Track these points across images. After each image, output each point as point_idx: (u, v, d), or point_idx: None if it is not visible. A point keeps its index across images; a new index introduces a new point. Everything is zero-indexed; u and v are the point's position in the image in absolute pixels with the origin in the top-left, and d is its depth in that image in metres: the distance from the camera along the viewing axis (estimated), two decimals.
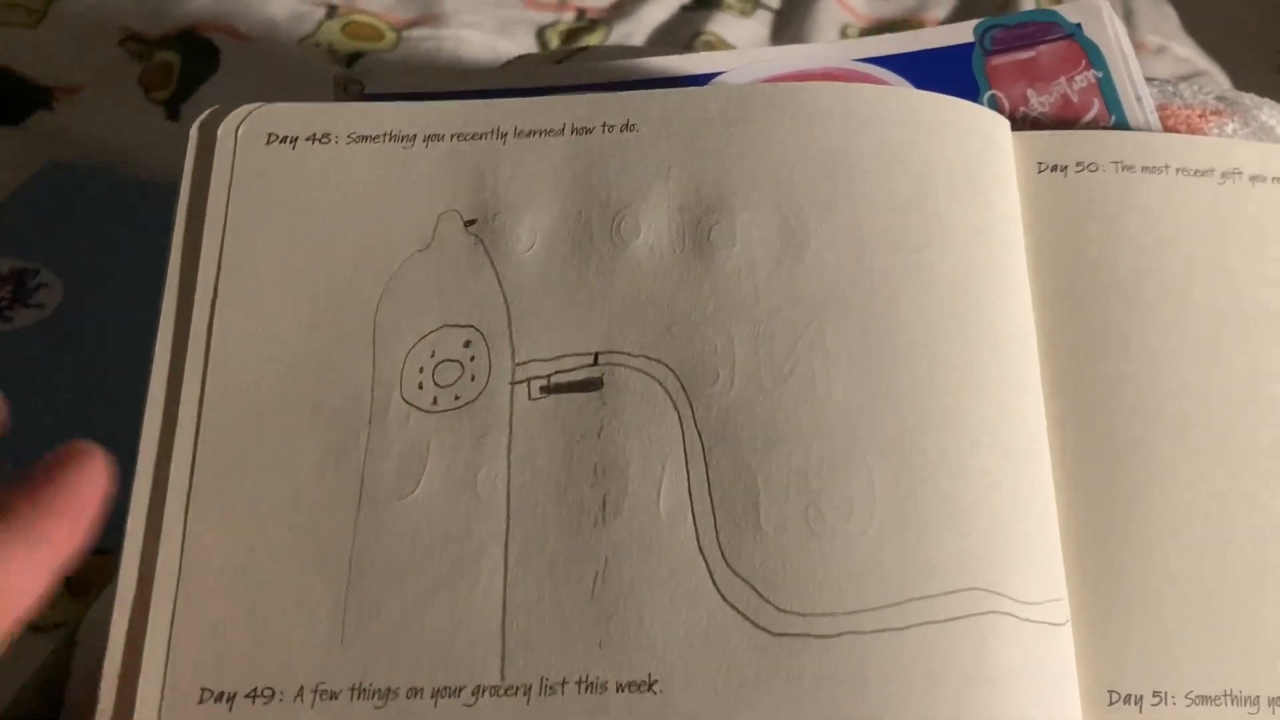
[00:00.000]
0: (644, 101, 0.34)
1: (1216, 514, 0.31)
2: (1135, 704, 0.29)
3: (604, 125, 0.34)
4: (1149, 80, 0.40)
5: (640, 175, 0.33)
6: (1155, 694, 0.29)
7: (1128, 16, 1.09)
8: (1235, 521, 0.31)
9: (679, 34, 1.05)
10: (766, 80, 0.41)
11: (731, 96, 0.34)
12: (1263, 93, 0.43)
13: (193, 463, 0.31)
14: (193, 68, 0.88)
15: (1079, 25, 0.41)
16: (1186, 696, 0.29)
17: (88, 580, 0.58)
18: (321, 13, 0.99)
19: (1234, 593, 0.30)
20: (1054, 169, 0.35)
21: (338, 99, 0.40)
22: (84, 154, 0.83)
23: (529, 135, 0.34)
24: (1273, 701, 0.29)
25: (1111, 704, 0.29)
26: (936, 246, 0.32)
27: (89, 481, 0.25)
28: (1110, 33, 0.40)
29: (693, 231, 0.32)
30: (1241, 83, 0.48)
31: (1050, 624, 0.29)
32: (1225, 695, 0.29)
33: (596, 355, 0.31)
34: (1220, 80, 1.01)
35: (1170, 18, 1.20)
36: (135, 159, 0.83)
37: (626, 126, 0.34)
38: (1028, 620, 0.28)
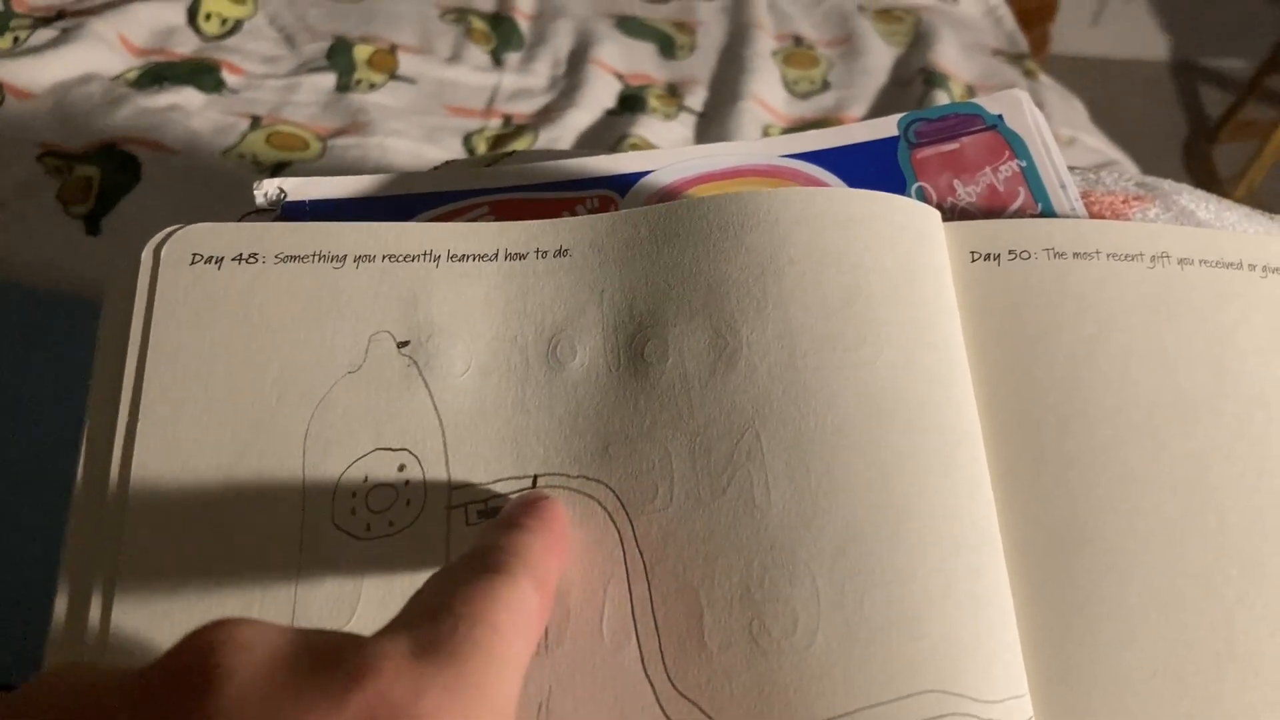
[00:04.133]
0: (576, 227, 0.34)
1: (1172, 600, 0.31)
2: None
3: (538, 251, 0.34)
4: (1071, 169, 0.41)
5: (574, 299, 0.33)
6: None
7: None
8: (1191, 607, 0.31)
9: (605, 138, 1.06)
10: (695, 178, 0.40)
11: (661, 215, 0.34)
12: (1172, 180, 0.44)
13: (110, 598, 0.29)
14: (113, 181, 0.87)
15: (1000, 116, 0.41)
16: None
17: None
18: (245, 124, 0.99)
19: (1196, 680, 0.30)
20: (987, 258, 0.35)
21: (258, 206, 0.39)
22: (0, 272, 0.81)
23: (462, 259, 0.34)
24: None
25: None
26: (871, 344, 0.31)
27: (562, 527, 0.28)
28: (1031, 123, 0.41)
29: (627, 350, 0.32)
30: (1150, 171, 0.49)
31: None
32: None
33: (535, 478, 0.31)
34: (1130, 169, 1.05)
35: (1079, 111, 1.25)
36: (53, 275, 0.81)
37: (560, 252, 0.34)
38: None
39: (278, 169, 0.95)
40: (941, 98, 1.14)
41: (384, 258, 0.33)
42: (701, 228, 0.33)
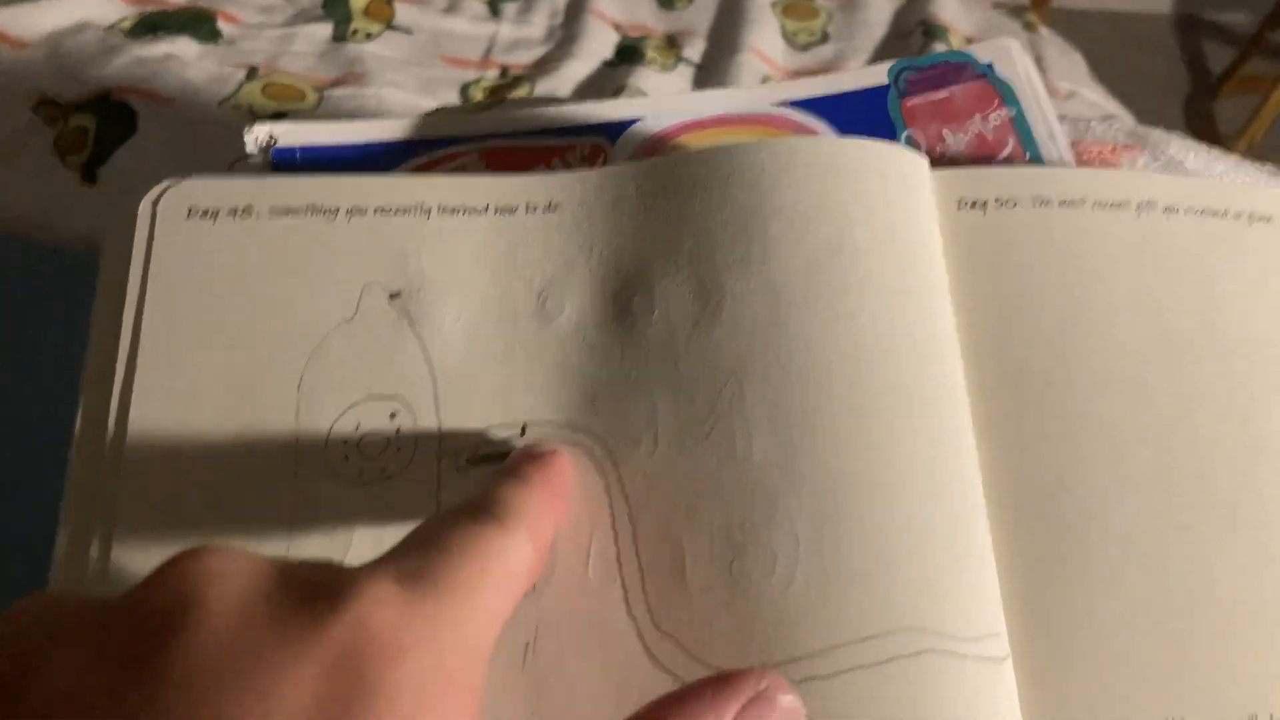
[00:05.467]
0: (566, 182, 0.35)
1: (1153, 546, 0.31)
2: None
3: (527, 205, 0.34)
4: (1061, 118, 0.41)
5: (563, 254, 0.33)
6: None
7: (1037, 63, 1.12)
8: (1171, 553, 0.31)
9: (602, 89, 1.06)
10: (686, 125, 0.41)
11: (649, 171, 0.34)
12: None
13: (108, 545, 0.30)
14: (109, 131, 0.87)
15: (990, 65, 0.42)
16: None
17: None
18: (241, 74, 0.98)
19: (1173, 625, 0.30)
20: (974, 206, 0.35)
21: (248, 152, 0.39)
22: None
23: (453, 212, 0.34)
24: None
25: None
26: (855, 294, 0.32)
27: (564, 482, 0.29)
28: (1021, 71, 0.41)
29: (614, 304, 0.33)
30: (1149, 125, 0.49)
31: (990, 659, 0.29)
32: None
33: (524, 426, 0.31)
34: (1129, 122, 1.05)
35: (1079, 65, 1.24)
36: (49, 225, 0.81)
37: (549, 207, 0.34)
38: (966, 657, 0.28)
39: (274, 119, 0.94)
40: (941, 50, 1.13)
41: (375, 210, 0.34)
42: (689, 182, 0.33)
